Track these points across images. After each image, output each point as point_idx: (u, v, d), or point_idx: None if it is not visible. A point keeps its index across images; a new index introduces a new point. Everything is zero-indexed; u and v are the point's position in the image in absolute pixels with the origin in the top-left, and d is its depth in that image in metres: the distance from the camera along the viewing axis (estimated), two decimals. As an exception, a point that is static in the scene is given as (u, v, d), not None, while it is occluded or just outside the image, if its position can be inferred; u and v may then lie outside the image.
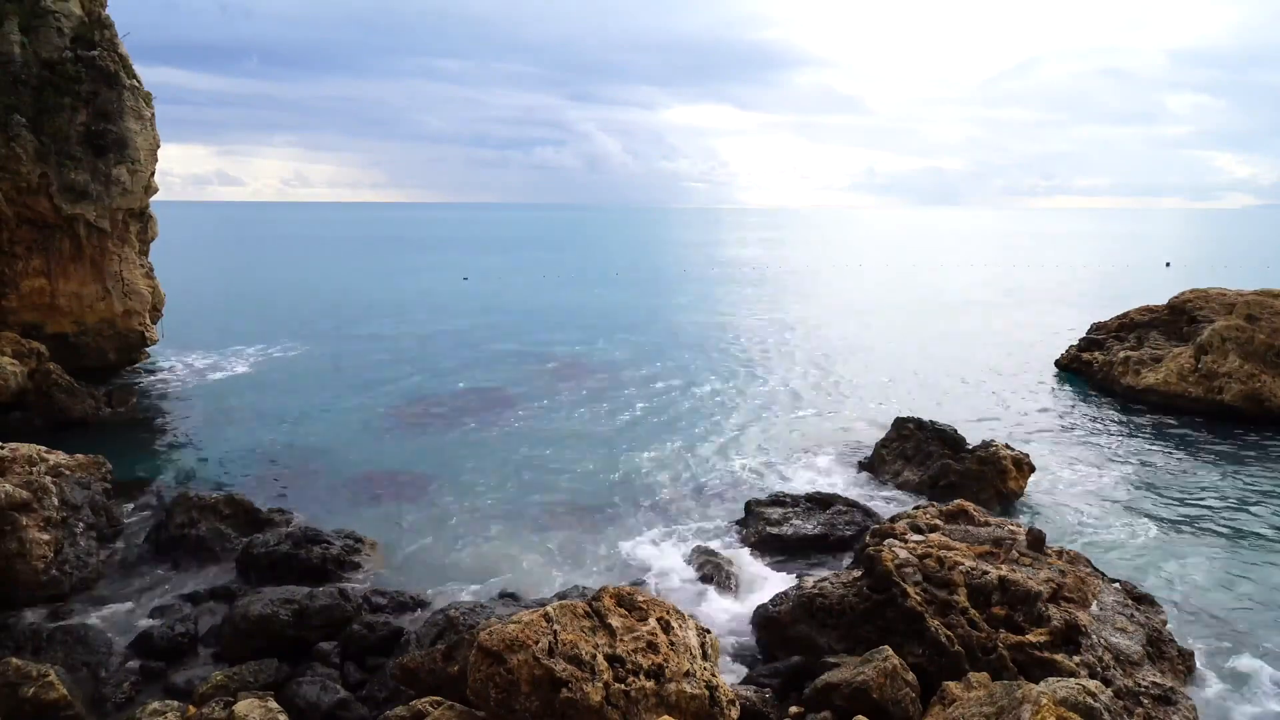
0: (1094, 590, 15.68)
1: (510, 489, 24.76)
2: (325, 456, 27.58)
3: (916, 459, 25.32)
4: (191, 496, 21.11)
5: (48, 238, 33.96)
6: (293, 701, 13.57)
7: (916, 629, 14.19)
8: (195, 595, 17.87)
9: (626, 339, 50.28)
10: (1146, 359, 35.77)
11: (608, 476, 25.99)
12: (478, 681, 11.08)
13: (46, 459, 20.02)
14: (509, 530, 21.87)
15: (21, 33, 32.72)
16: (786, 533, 20.36)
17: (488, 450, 28.29)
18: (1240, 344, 32.55)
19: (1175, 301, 39.12)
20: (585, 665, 10.98)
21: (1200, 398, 32.69)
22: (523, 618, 11.52)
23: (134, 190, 35.26)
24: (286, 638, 15.55)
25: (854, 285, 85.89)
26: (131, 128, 34.74)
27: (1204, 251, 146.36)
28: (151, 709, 12.48)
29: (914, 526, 17.49)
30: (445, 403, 34.90)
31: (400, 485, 25.03)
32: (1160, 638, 15.13)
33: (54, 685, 13.17)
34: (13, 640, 15.39)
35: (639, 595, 12.53)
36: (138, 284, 36.72)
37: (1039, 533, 16.91)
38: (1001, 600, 14.57)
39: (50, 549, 17.66)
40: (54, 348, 33.09)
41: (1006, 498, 23.46)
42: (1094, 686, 11.40)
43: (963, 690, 12.34)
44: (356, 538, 20.06)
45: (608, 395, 36.18)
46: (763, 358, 45.11)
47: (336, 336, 50.39)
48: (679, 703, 11.12)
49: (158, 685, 14.76)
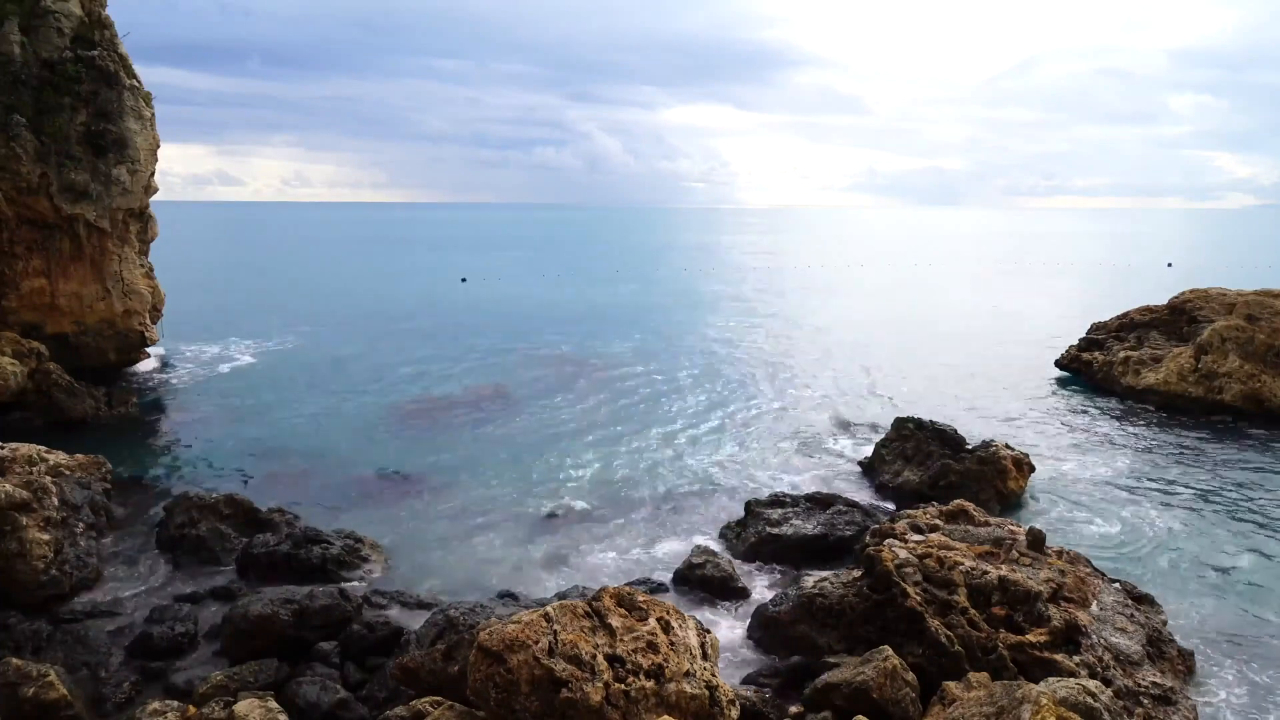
0: (1094, 590, 15.68)
1: (510, 489, 24.76)
2: (325, 456, 27.58)
3: (916, 459, 25.31)
4: (191, 496, 21.10)
5: (48, 238, 33.97)
6: (293, 701, 13.57)
7: (916, 629, 14.19)
8: (195, 595, 17.86)
9: (627, 339, 50.28)
10: (1146, 359, 35.77)
11: (608, 476, 25.99)
12: (478, 681, 11.08)
13: (46, 459, 20.03)
14: (509, 530, 21.87)
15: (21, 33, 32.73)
16: (786, 533, 20.35)
17: (488, 450, 28.29)
18: (1240, 344, 32.55)
19: (1175, 301, 39.12)
20: (585, 665, 10.98)
21: (1200, 397, 32.69)
22: (523, 618, 11.51)
23: (134, 190, 35.27)
24: (286, 638, 15.54)
25: (854, 285, 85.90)
26: (131, 128, 34.75)
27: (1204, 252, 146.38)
28: (151, 709, 12.48)
29: (914, 526, 17.50)
30: (445, 403, 34.90)
31: (400, 485, 25.04)
32: (1160, 638, 15.13)
33: (54, 685, 13.16)
34: (13, 640, 15.39)
35: (639, 595, 12.53)
36: (138, 284, 36.73)
37: (1039, 533, 16.92)
38: (1001, 600, 14.58)
39: (50, 549, 17.66)
40: (54, 348, 33.09)
41: (1006, 498, 23.45)
42: (1094, 686, 11.41)
43: (963, 690, 12.34)
44: (356, 538, 20.06)
45: (607, 395, 36.18)
46: (762, 358, 45.12)
47: (336, 337, 50.39)
48: (679, 703, 11.12)
49: (158, 685, 14.76)
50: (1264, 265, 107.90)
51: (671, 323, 57.46)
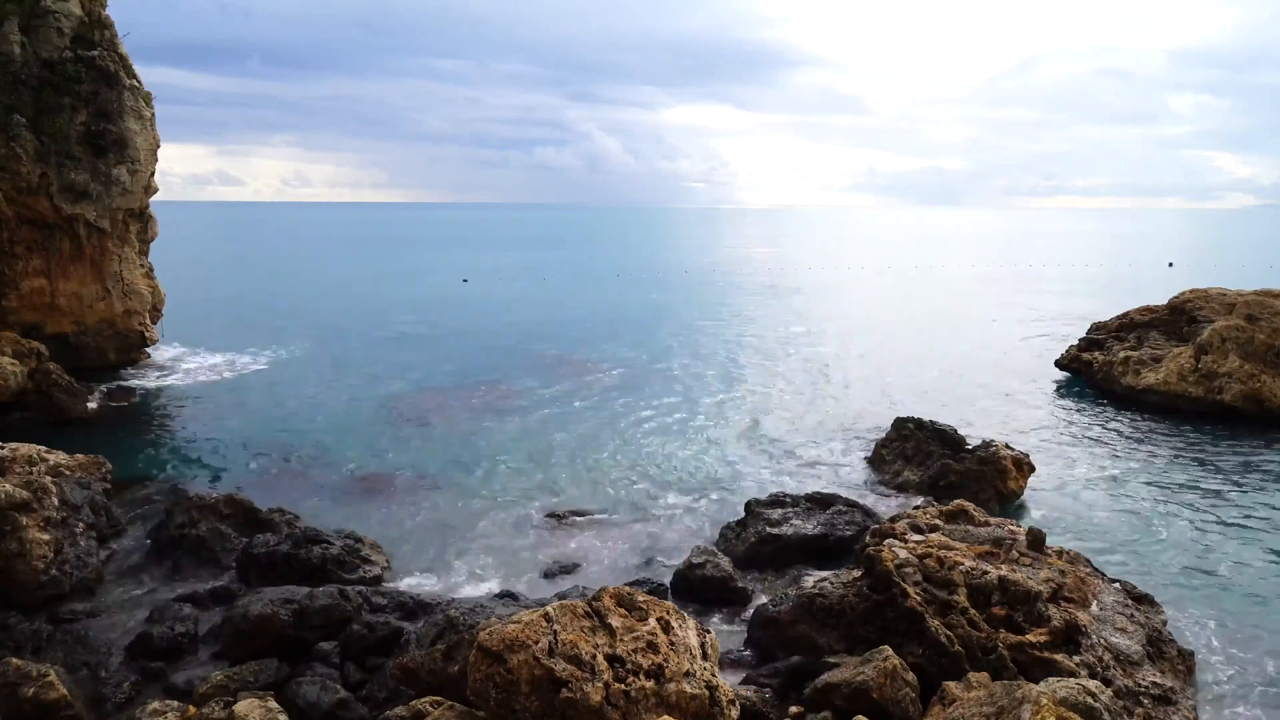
0: (1094, 590, 15.68)
1: (511, 488, 24.76)
2: (326, 456, 27.58)
3: (916, 459, 25.32)
4: (191, 496, 21.10)
5: (48, 238, 33.98)
6: (293, 701, 13.56)
7: (916, 629, 14.18)
8: (195, 595, 17.85)
9: (627, 339, 50.29)
10: (1146, 359, 35.76)
11: (608, 476, 25.99)
12: (478, 681, 11.07)
13: (46, 459, 20.03)
14: (509, 530, 21.87)
15: (21, 33, 32.74)
16: (786, 533, 20.35)
17: (488, 450, 28.29)
18: (1240, 344, 32.55)
19: (1175, 301, 39.11)
20: (585, 665, 10.98)
21: (1200, 398, 32.68)
22: (523, 618, 11.51)
23: (134, 190, 35.28)
24: (286, 638, 15.54)
25: (854, 286, 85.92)
26: (131, 128, 34.76)
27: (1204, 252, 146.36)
28: (151, 709, 12.47)
29: (914, 526, 17.50)
30: (445, 402, 34.90)
31: (400, 485, 25.03)
32: (1160, 638, 15.13)
33: (54, 685, 13.16)
34: (13, 640, 15.39)
35: (639, 595, 12.52)
36: (138, 284, 36.74)
37: (1039, 533, 16.92)
38: (1001, 600, 14.57)
39: (50, 549, 17.66)
40: (54, 348, 33.11)
41: (1006, 498, 23.45)
42: (1094, 686, 11.41)
43: (963, 690, 12.34)
44: (356, 538, 20.05)
45: (607, 395, 36.19)
46: (762, 357, 45.13)
47: (336, 336, 50.41)
48: (679, 703, 11.12)
49: (158, 685, 14.76)
50: (1264, 265, 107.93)
51: (671, 323, 57.47)
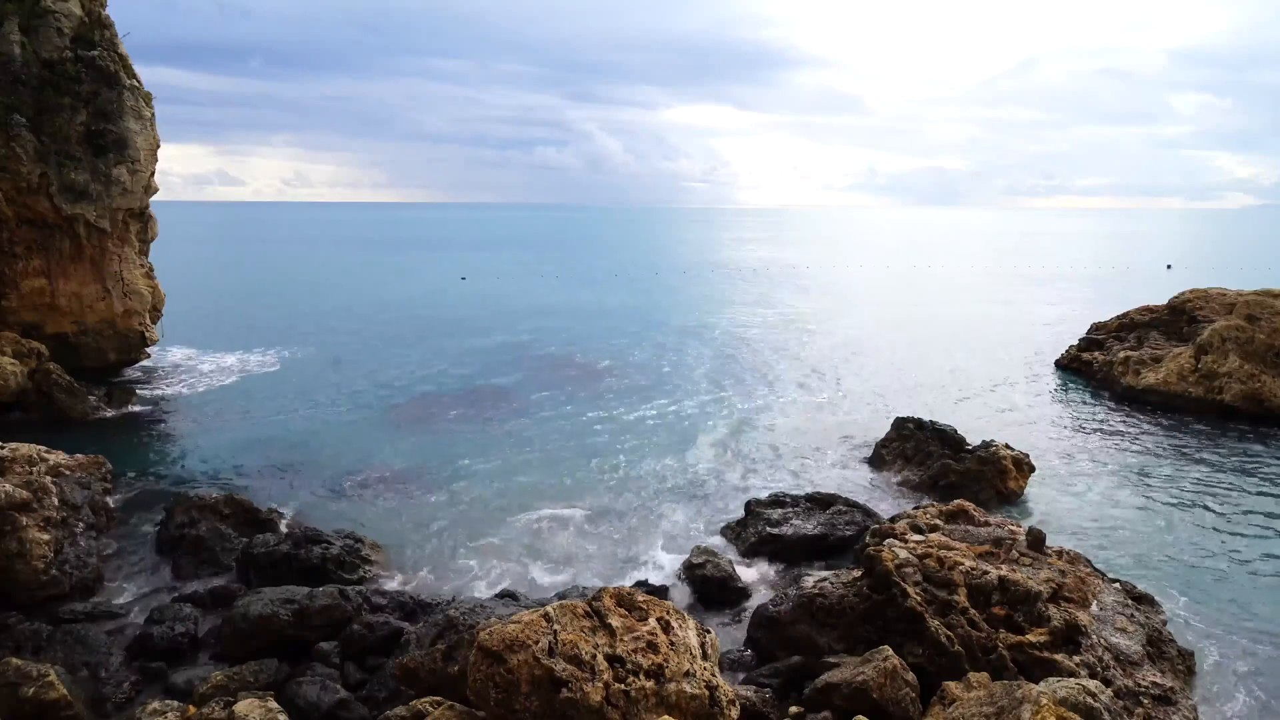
0: (1094, 590, 15.68)
1: (511, 489, 24.75)
2: (325, 456, 27.57)
3: (916, 459, 25.32)
4: (191, 496, 21.11)
5: (48, 238, 33.95)
6: (293, 701, 13.57)
7: (916, 629, 14.18)
8: (195, 595, 17.87)
9: (627, 339, 50.29)
10: (1146, 359, 35.77)
11: (608, 476, 25.99)
12: (478, 681, 11.07)
13: (46, 459, 20.03)
14: (509, 530, 21.87)
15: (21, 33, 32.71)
16: (787, 533, 20.36)
17: (488, 450, 28.29)
18: (1240, 344, 32.55)
19: (1175, 302, 39.14)
20: (585, 665, 10.98)
21: (1200, 397, 32.69)
22: (523, 618, 11.51)
23: (134, 190, 35.25)
24: (286, 638, 15.55)
25: (854, 286, 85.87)
26: (131, 128, 34.73)
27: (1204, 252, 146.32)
28: (151, 709, 12.47)
29: (914, 526, 17.49)
30: (445, 403, 34.90)
31: (400, 485, 25.03)
32: (1160, 638, 15.13)
33: (54, 685, 13.16)
34: (13, 640, 15.39)
35: (639, 595, 12.52)
36: (138, 284, 36.71)
37: (1039, 533, 16.91)
38: (1001, 600, 14.57)
39: (50, 549, 17.66)
40: (54, 348, 33.10)
41: (1006, 498, 23.46)
42: (1094, 686, 11.40)
43: (963, 690, 12.33)
44: (356, 538, 20.06)
45: (607, 395, 36.18)
46: (762, 358, 45.11)
47: (336, 337, 50.40)
48: (679, 703, 11.11)
49: (158, 685, 14.78)
50: (1264, 265, 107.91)
51: (672, 323, 57.45)
